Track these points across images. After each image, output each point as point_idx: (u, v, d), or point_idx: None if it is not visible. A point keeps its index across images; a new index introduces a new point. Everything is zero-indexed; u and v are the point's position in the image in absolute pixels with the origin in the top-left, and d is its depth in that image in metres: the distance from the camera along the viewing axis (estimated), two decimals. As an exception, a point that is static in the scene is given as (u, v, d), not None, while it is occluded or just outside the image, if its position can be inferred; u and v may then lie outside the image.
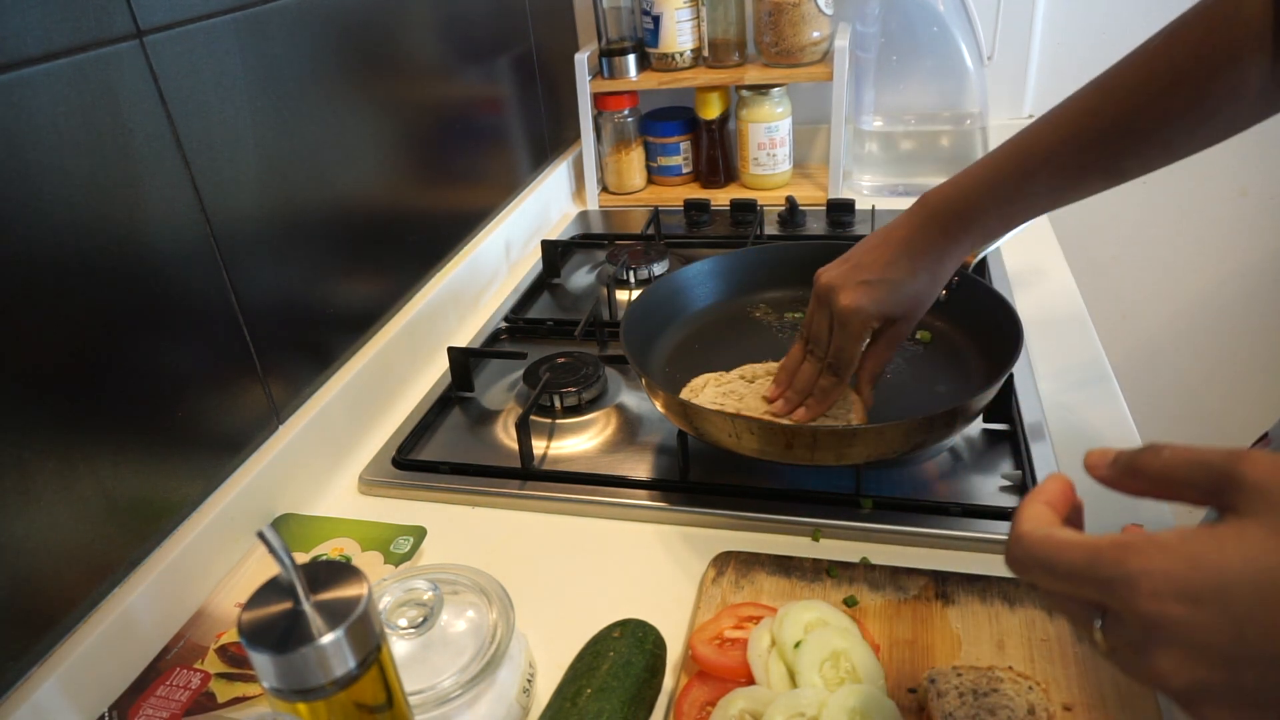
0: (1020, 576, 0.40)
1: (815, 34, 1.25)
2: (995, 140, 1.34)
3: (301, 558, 0.66)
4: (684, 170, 1.40)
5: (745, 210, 1.25)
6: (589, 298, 1.10)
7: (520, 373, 0.91)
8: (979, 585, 0.61)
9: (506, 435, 0.85)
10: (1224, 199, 1.41)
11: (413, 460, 0.82)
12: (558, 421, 0.85)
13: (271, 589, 0.39)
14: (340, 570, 0.40)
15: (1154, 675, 0.34)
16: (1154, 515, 0.68)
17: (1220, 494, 0.34)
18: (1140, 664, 0.35)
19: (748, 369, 0.81)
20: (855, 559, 0.66)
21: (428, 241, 1.04)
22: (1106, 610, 0.36)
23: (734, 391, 0.77)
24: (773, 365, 0.81)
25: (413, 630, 0.53)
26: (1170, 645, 0.33)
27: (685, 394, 0.78)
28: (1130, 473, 0.38)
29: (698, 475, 0.76)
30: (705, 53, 1.33)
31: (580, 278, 1.16)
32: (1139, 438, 0.77)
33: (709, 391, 0.78)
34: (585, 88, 1.33)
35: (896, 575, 0.63)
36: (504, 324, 1.05)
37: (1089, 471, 0.40)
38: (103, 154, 0.59)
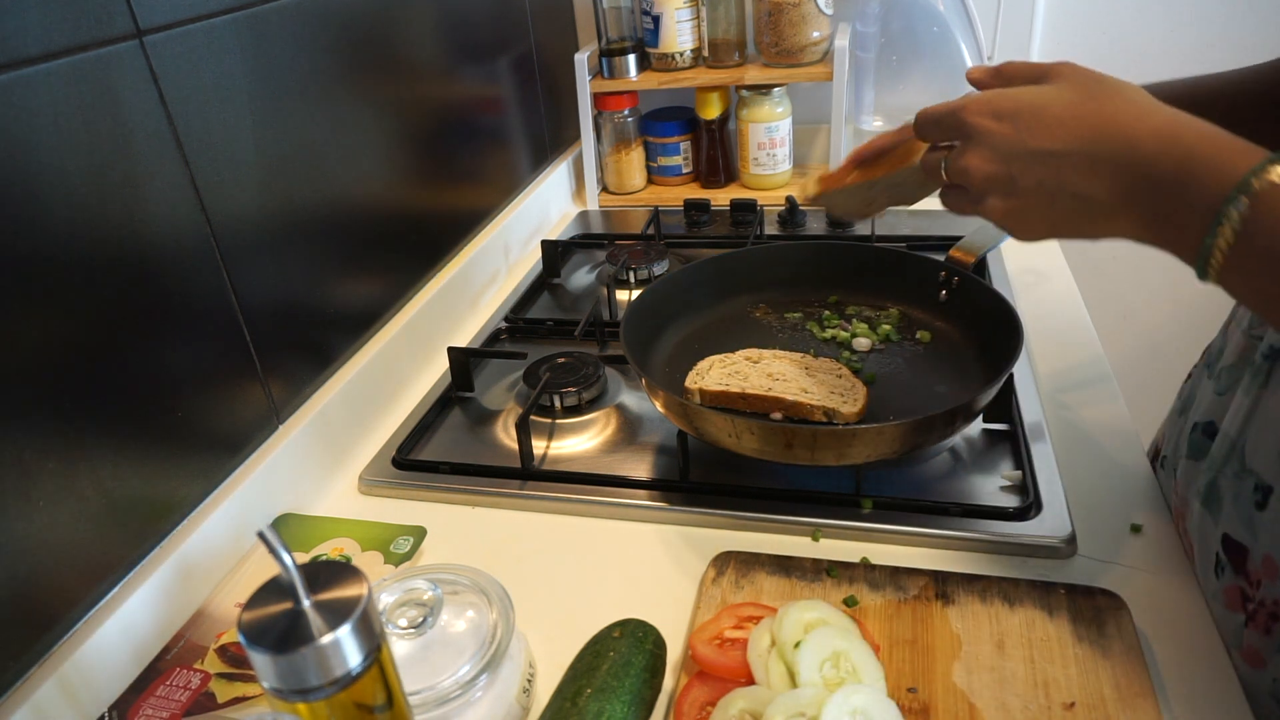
0: (920, 136, 0.60)
1: (815, 34, 1.25)
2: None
3: (301, 558, 0.66)
4: (684, 170, 1.40)
5: (745, 210, 1.25)
6: (589, 298, 1.10)
7: (520, 373, 0.91)
8: (979, 585, 0.61)
9: (506, 435, 0.85)
10: (1224, 199, 1.41)
11: (413, 460, 0.82)
12: (558, 421, 0.85)
13: (271, 589, 0.39)
14: (340, 570, 0.40)
15: (964, 171, 0.54)
16: (1154, 503, 0.68)
17: (1039, 79, 0.53)
18: (958, 163, 0.55)
19: (753, 351, 0.81)
20: (855, 559, 0.66)
21: (428, 241, 1.04)
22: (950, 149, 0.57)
23: (739, 372, 0.78)
24: (778, 350, 0.82)
25: (413, 630, 0.53)
26: (978, 147, 0.53)
27: (692, 376, 0.79)
28: (994, 75, 0.57)
29: (698, 475, 0.76)
30: (705, 53, 1.33)
31: (580, 278, 1.16)
32: (1139, 438, 0.77)
33: (715, 373, 0.78)
34: (585, 88, 1.33)
35: (896, 575, 0.63)
36: (504, 324, 1.05)
37: (968, 76, 0.59)
38: (103, 154, 0.59)
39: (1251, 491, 0.57)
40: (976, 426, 0.78)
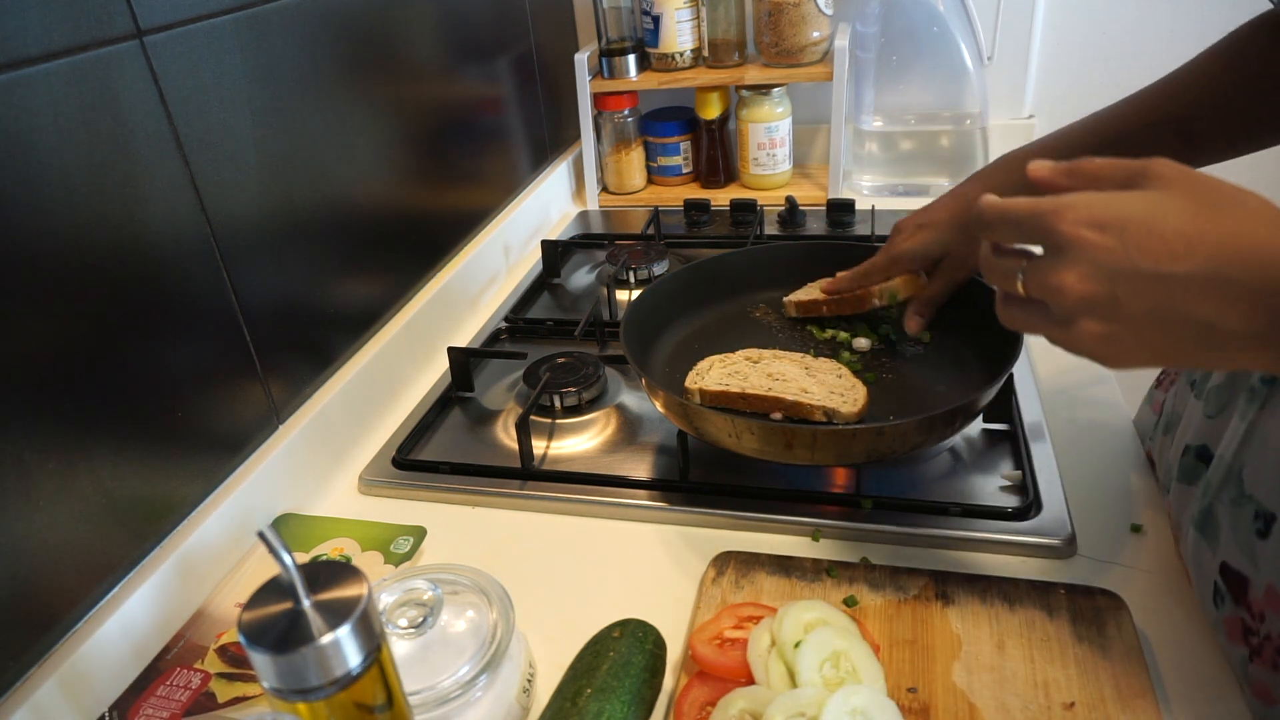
0: (982, 232, 0.52)
1: (815, 34, 1.25)
2: (995, 140, 1.35)
3: (301, 558, 0.66)
4: (684, 170, 1.40)
5: (745, 210, 1.25)
6: (589, 298, 1.10)
7: (520, 373, 0.91)
8: (979, 585, 0.61)
9: (506, 435, 0.85)
10: (1224, 199, 1.41)
11: (413, 460, 0.82)
12: (558, 421, 0.85)
13: (271, 589, 0.39)
14: (340, 570, 0.40)
15: (1056, 289, 0.46)
16: (1153, 503, 0.68)
17: (1132, 183, 0.46)
18: (1049, 280, 0.46)
19: (753, 351, 0.81)
20: (855, 559, 0.66)
21: (428, 241, 1.04)
22: (1030, 258, 0.49)
23: (738, 372, 0.78)
24: (779, 351, 0.82)
25: (413, 630, 0.53)
26: (1076, 262, 0.45)
27: (692, 376, 0.79)
28: (1068, 174, 0.49)
29: (698, 475, 0.76)
30: (705, 53, 1.33)
31: (580, 278, 1.16)
32: (1139, 437, 0.77)
33: (715, 373, 0.78)
34: (585, 88, 1.33)
35: (896, 575, 0.63)
36: (504, 324, 1.05)
37: (1032, 175, 0.51)
38: (103, 154, 0.59)
39: (1251, 519, 0.54)
40: (976, 426, 0.78)
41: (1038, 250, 0.48)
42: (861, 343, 0.84)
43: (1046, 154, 0.75)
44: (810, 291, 0.88)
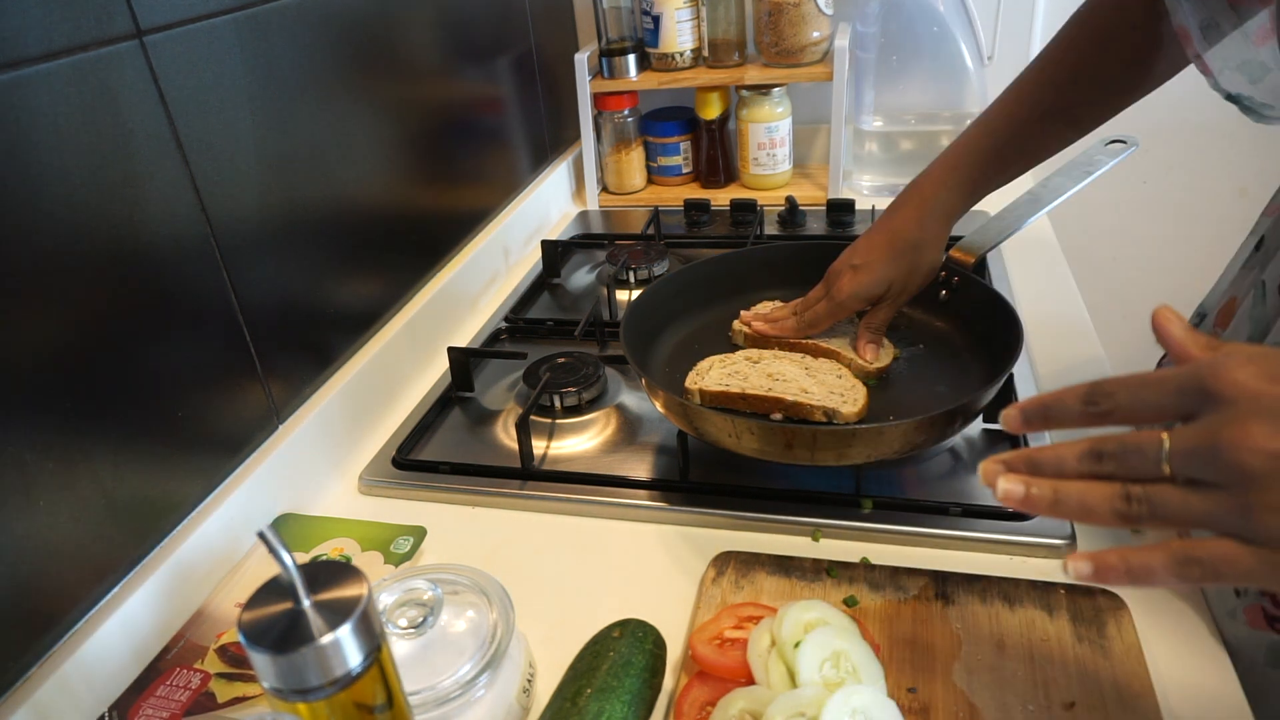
0: (1092, 418, 0.41)
1: (815, 34, 1.25)
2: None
3: (301, 558, 0.66)
4: (684, 170, 1.40)
5: (745, 210, 1.25)
6: (589, 298, 1.10)
7: (520, 373, 0.91)
8: (979, 585, 0.61)
9: (506, 435, 0.85)
10: (1224, 199, 1.41)
11: (413, 460, 0.82)
12: (558, 421, 0.85)
13: (271, 589, 0.39)
14: (340, 570, 0.40)
15: (1234, 447, 0.35)
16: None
17: (1196, 410, 0.38)
18: (1221, 441, 0.36)
19: (753, 351, 0.82)
20: (855, 559, 0.66)
21: (428, 241, 1.04)
22: (1179, 418, 0.38)
23: (738, 372, 0.78)
24: (779, 351, 0.82)
25: (413, 630, 0.53)
26: (1251, 419, 0.35)
27: (692, 376, 0.79)
28: (1097, 417, 0.41)
29: (698, 475, 0.76)
30: (705, 53, 1.33)
31: (580, 278, 1.16)
32: (1139, 438, 0.77)
33: (715, 373, 0.78)
34: (585, 88, 1.33)
35: (896, 575, 0.63)
36: (504, 324, 1.05)
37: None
38: (103, 154, 0.59)
39: None
40: (976, 426, 0.78)
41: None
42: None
43: (948, 172, 0.78)
44: (760, 322, 0.86)
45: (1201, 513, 0.37)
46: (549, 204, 1.36)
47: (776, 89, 1.29)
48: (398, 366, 0.94)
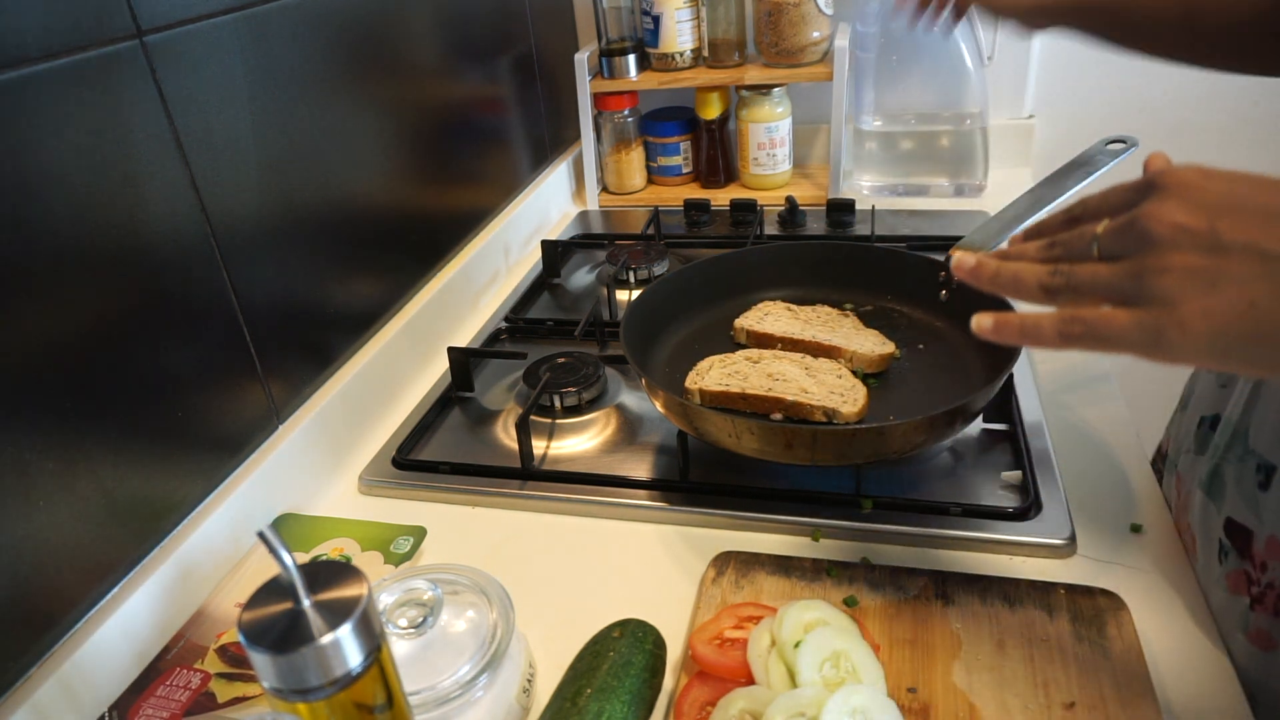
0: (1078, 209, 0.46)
1: (815, 34, 1.25)
2: (996, 140, 1.35)
3: (301, 558, 0.66)
4: (684, 170, 1.40)
5: (745, 210, 1.25)
6: (589, 298, 1.10)
7: (520, 373, 0.91)
8: (979, 585, 0.61)
9: (506, 435, 0.85)
10: (1224, 199, 1.41)
11: (413, 460, 0.82)
12: (558, 421, 0.85)
13: (271, 589, 0.39)
14: (340, 570, 0.40)
15: (1147, 218, 0.40)
16: (1154, 503, 0.68)
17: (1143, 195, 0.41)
18: (1138, 218, 0.40)
19: (753, 351, 0.82)
20: (855, 559, 0.66)
21: (428, 241, 1.04)
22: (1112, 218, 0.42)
23: (738, 372, 0.78)
24: (779, 351, 0.82)
25: (413, 630, 0.53)
26: (1172, 197, 0.39)
27: (692, 376, 0.79)
28: (1068, 223, 0.45)
29: (698, 475, 0.76)
30: (705, 53, 1.33)
31: (580, 278, 1.16)
32: (1139, 438, 0.77)
33: (715, 373, 0.78)
34: (585, 88, 1.33)
35: (896, 575, 0.63)
36: (504, 324, 1.05)
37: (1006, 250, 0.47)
38: (103, 154, 0.59)
39: (1254, 473, 0.56)
40: (976, 426, 0.78)
41: None
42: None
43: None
44: (765, 323, 0.86)
45: (1105, 281, 0.41)
46: (549, 204, 1.36)
47: (776, 89, 1.29)
48: (398, 366, 0.94)
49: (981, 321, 0.46)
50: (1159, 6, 0.71)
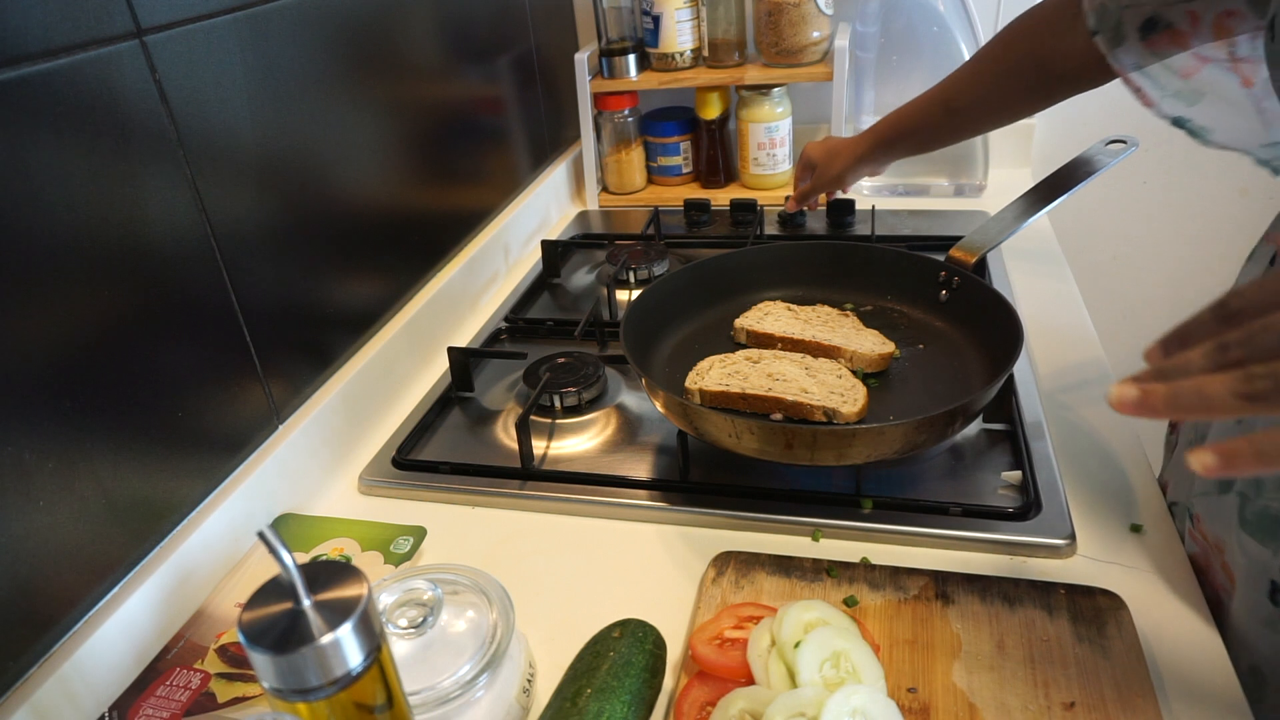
0: (1226, 323, 0.38)
1: (815, 34, 1.25)
2: (995, 140, 1.34)
3: (301, 558, 0.66)
4: (684, 170, 1.40)
5: (745, 210, 1.25)
6: (589, 298, 1.10)
7: (520, 373, 0.91)
8: (979, 585, 0.61)
9: (506, 435, 0.85)
10: (1224, 199, 1.41)
11: (413, 460, 0.82)
12: (558, 421, 0.85)
13: (271, 589, 0.39)
14: (340, 570, 0.40)
15: None
16: (1154, 503, 0.68)
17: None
18: None
19: (753, 351, 0.82)
20: (855, 559, 0.66)
21: (428, 241, 1.04)
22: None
23: (738, 372, 0.78)
24: (779, 351, 0.82)
25: (413, 630, 0.53)
26: None
27: (692, 376, 0.79)
28: (1223, 320, 0.38)
29: (698, 475, 0.76)
30: (705, 53, 1.33)
31: (580, 278, 1.16)
32: (1138, 437, 0.77)
33: (715, 373, 0.78)
34: (585, 88, 1.33)
35: (896, 575, 0.63)
36: (504, 324, 1.05)
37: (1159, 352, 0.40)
38: (103, 154, 0.59)
39: None
40: (976, 426, 0.78)
41: None
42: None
43: (867, 143, 1.01)
44: (765, 323, 0.86)
45: None
46: (549, 204, 1.36)
47: (776, 89, 1.29)
48: (398, 366, 0.94)
49: (1205, 460, 0.37)
50: (930, 118, 0.93)
